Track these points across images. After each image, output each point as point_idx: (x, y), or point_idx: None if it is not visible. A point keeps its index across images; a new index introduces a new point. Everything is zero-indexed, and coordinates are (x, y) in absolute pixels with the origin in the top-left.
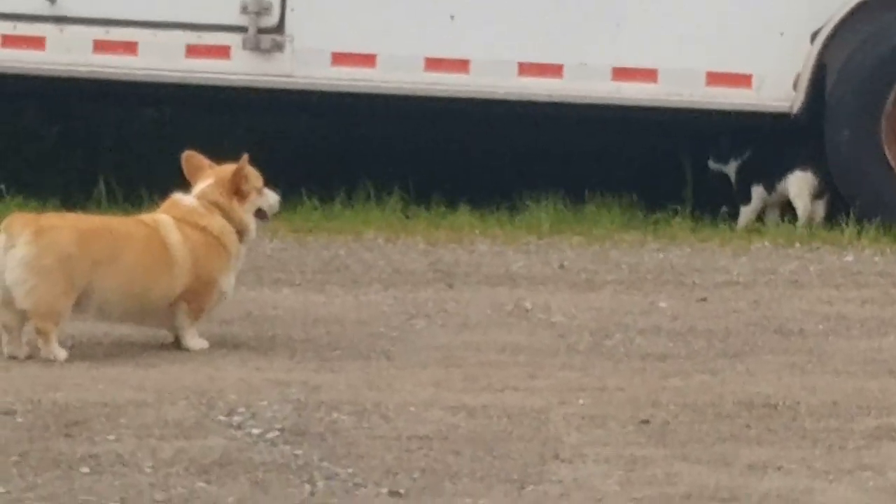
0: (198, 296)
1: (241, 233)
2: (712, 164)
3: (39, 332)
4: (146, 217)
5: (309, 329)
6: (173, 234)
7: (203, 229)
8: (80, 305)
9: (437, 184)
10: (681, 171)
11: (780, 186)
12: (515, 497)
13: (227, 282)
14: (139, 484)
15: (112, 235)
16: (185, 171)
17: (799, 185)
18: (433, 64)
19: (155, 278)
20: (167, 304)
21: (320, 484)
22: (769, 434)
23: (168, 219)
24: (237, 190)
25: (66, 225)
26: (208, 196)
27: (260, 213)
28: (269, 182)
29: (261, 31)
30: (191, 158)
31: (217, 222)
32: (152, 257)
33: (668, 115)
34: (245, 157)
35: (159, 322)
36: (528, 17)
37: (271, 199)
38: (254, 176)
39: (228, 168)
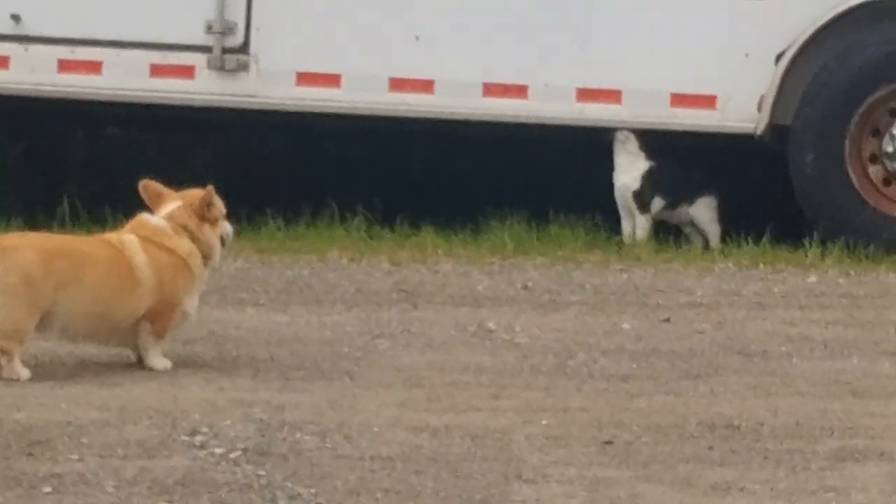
0: (161, 316)
1: (206, 256)
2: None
3: (2, 351)
4: (111, 236)
5: (272, 349)
6: (139, 255)
7: (170, 251)
8: (43, 325)
9: (401, 204)
10: None
11: (685, 209)
12: None
13: (191, 303)
14: None
15: (76, 255)
16: (146, 199)
17: (709, 210)
18: (398, 84)
19: (119, 298)
20: (131, 323)
21: None
22: (732, 455)
23: (134, 238)
24: (204, 215)
25: (29, 245)
26: (177, 218)
27: (221, 240)
28: (232, 205)
29: (226, 50)
30: (149, 186)
31: (185, 244)
32: (116, 277)
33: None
34: (210, 186)
35: (123, 342)
36: (492, 38)
37: (228, 227)
38: (220, 202)
39: (196, 192)
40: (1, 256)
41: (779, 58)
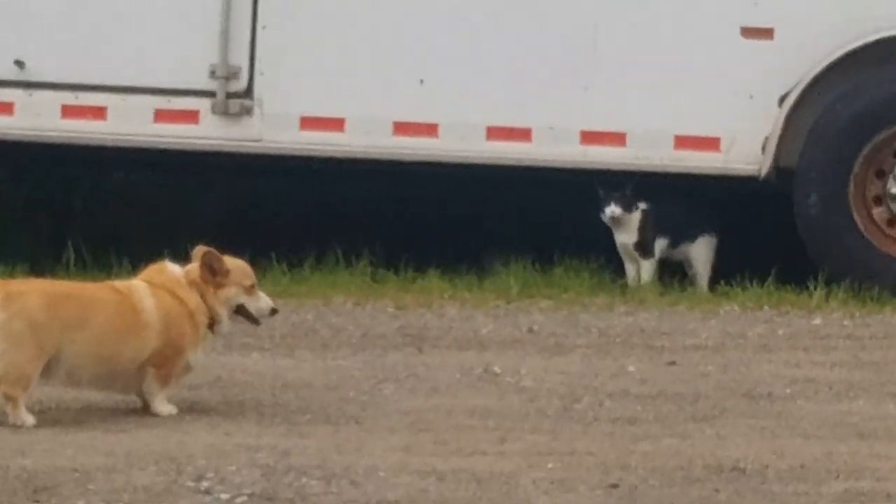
0: (167, 361)
1: (212, 321)
2: (614, 211)
3: (7, 397)
4: (119, 283)
5: (278, 394)
6: (146, 300)
7: (179, 299)
8: (48, 371)
9: (405, 248)
10: None
11: (684, 248)
12: None
13: (194, 355)
14: None
15: (81, 301)
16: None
17: (706, 250)
18: (402, 128)
19: (124, 343)
20: (136, 368)
21: None
22: (738, 498)
23: (142, 285)
24: (205, 277)
25: (35, 290)
26: (191, 274)
27: (244, 312)
28: (236, 250)
29: (230, 95)
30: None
31: (194, 298)
32: (122, 323)
33: (635, 179)
34: (204, 248)
35: (128, 387)
36: (496, 81)
37: (262, 303)
38: (240, 272)
39: (239, 264)
40: (6, 303)
41: (782, 99)
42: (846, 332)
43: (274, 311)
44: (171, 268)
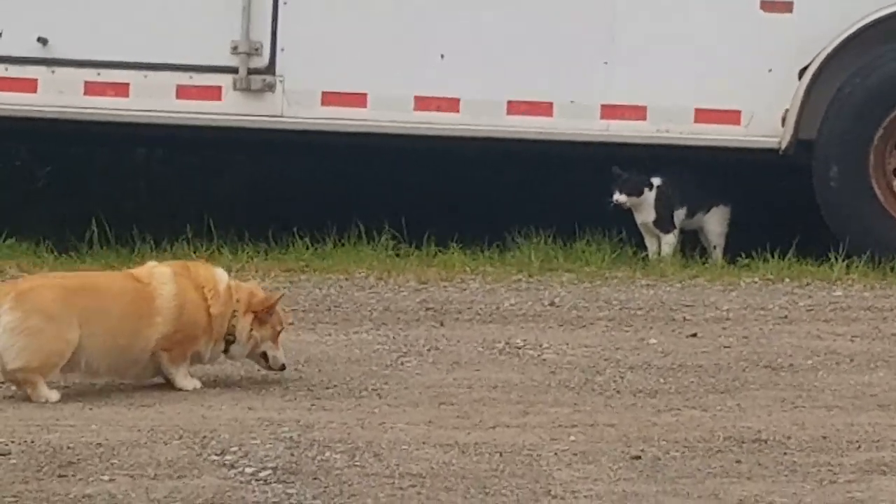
0: (176, 345)
1: (228, 340)
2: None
3: (26, 381)
4: (139, 270)
5: (301, 368)
6: (165, 286)
7: (204, 297)
8: (67, 363)
9: (427, 222)
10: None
11: (699, 217)
12: None
13: (206, 349)
14: None
15: (96, 292)
16: None
17: (720, 220)
18: (423, 103)
19: (137, 331)
20: (148, 356)
21: None
22: (760, 469)
23: (166, 271)
24: (262, 315)
25: (48, 284)
26: (235, 291)
27: (263, 355)
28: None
29: (251, 71)
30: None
31: (220, 307)
32: (136, 312)
33: (656, 152)
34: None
35: (141, 376)
36: (517, 56)
37: (279, 355)
38: (280, 317)
39: (267, 295)
40: (18, 301)
41: (802, 72)
42: (867, 304)
43: (282, 367)
44: (214, 269)
